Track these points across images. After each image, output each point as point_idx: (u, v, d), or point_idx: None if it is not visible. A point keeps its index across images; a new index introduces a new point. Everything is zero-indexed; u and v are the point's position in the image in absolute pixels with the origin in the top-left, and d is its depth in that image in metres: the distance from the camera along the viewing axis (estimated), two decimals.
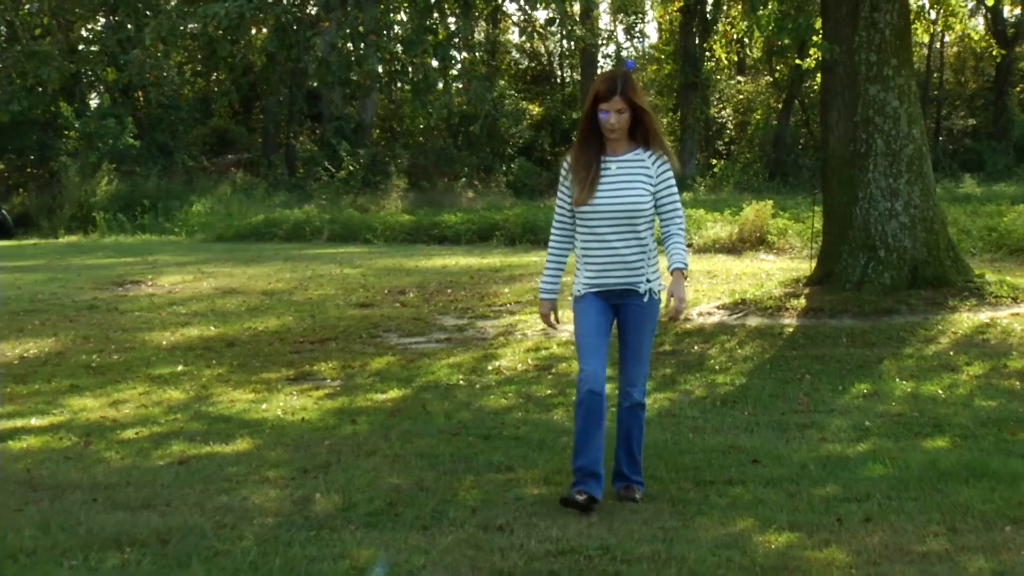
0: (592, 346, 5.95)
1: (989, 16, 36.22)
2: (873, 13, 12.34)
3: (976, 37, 22.36)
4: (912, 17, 13.88)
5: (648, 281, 5.99)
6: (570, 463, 5.99)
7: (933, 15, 16.75)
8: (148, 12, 29.87)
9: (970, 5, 25.04)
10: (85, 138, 32.40)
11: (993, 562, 4.98)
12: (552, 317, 6.24)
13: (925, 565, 4.98)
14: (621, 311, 6.04)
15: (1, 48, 30.71)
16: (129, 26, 30.87)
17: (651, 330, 6.09)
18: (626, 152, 6.02)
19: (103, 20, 34.76)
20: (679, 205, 6.06)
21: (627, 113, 5.93)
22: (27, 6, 28.17)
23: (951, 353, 10.06)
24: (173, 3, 34.71)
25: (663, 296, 6.03)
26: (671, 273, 5.86)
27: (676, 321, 7.04)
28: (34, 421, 8.59)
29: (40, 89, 31.38)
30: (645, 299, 5.98)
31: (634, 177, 5.96)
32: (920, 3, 15.92)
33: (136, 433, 8.12)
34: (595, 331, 5.97)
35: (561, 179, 6.16)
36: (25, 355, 11.67)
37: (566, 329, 9.38)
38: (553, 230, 6.22)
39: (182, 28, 15.51)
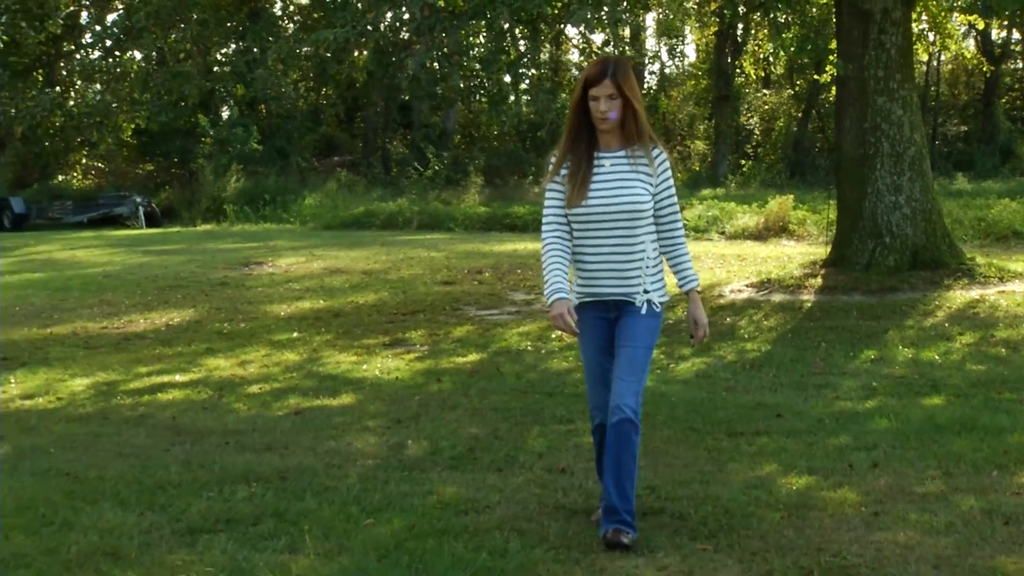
0: (597, 374, 4.72)
1: (979, 38, 35.78)
2: (881, 35, 12.22)
3: (968, 56, 22.03)
4: (914, 39, 13.68)
5: (646, 292, 4.61)
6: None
7: (932, 37, 16.49)
8: (270, 38, 30.07)
9: (963, 29, 24.56)
10: (218, 144, 32.71)
11: (982, 501, 4.93)
12: (569, 317, 4.56)
13: (924, 504, 4.92)
14: (617, 324, 4.66)
15: (152, 70, 31.03)
16: (255, 50, 31.07)
17: (648, 344, 4.65)
18: (621, 148, 4.62)
19: (234, 45, 35.03)
20: (679, 210, 4.74)
21: (619, 100, 4.53)
22: (173, 35, 28.44)
23: (946, 325, 9.92)
24: (291, 30, 34.99)
25: (689, 321, 4.79)
26: (686, 295, 4.74)
27: (700, 344, 5.13)
28: (178, 377, 8.71)
29: (182, 103, 31.70)
30: (643, 311, 4.61)
31: (631, 175, 4.58)
32: (921, 27, 15.73)
33: (260, 388, 8.21)
34: (599, 357, 4.71)
35: (549, 178, 4.73)
36: (170, 323, 11.82)
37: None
38: (547, 235, 4.67)
39: (298, 51, 15.60)
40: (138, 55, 32.30)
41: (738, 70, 35.70)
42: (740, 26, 32.21)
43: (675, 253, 4.71)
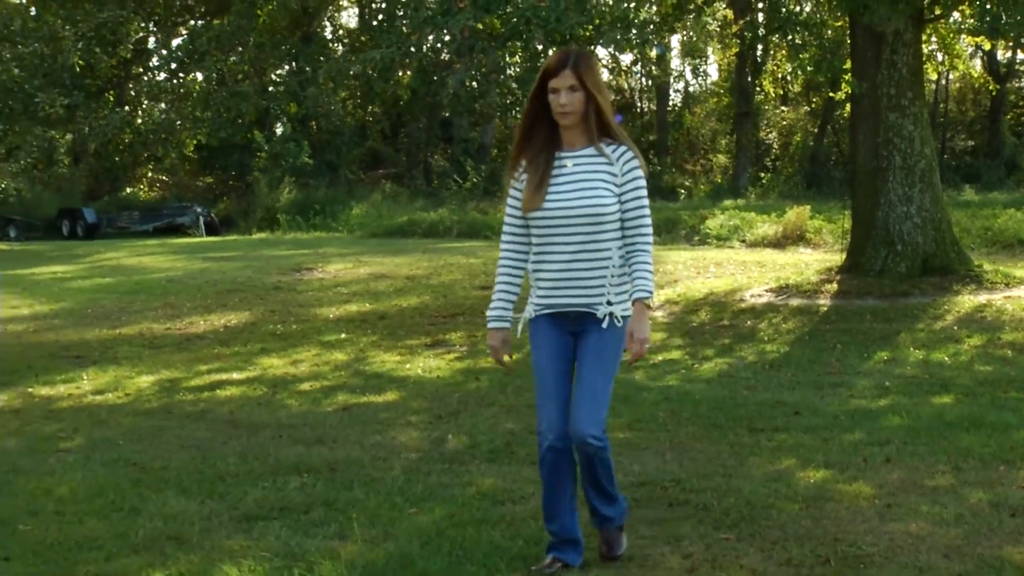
0: (550, 389, 4.00)
1: (986, 58, 35.46)
2: (893, 56, 12.13)
3: (975, 75, 21.76)
4: (924, 59, 13.57)
5: (609, 304, 3.95)
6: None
7: (941, 57, 16.35)
8: (321, 59, 30.26)
9: (970, 49, 24.31)
10: (272, 158, 32.90)
11: (990, 494, 4.87)
12: (503, 351, 4.09)
13: (935, 496, 4.87)
14: (578, 339, 4.02)
15: (213, 90, 31.32)
16: (307, 70, 31.29)
17: (611, 363, 3.99)
18: (584, 147, 3.99)
19: (287, 66, 35.29)
20: (648, 214, 4.01)
21: (580, 93, 3.90)
22: (232, 58, 28.70)
23: (955, 328, 9.81)
24: (340, 52, 35.16)
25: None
26: (632, 304, 3.95)
27: (635, 364, 4.35)
28: (235, 375, 8.76)
29: (240, 120, 31.96)
30: (604, 324, 3.95)
31: (594, 176, 3.94)
32: (931, 48, 15.61)
33: (310, 386, 8.24)
34: (553, 369, 4.01)
35: (507, 179, 4.16)
36: (228, 324, 11.89)
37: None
38: (503, 244, 4.18)
39: (347, 71, 15.68)
40: (200, 76, 32.62)
41: (758, 88, 35.53)
42: (760, 47, 32.07)
43: (634, 260, 3.97)
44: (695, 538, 4.40)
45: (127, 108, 32.99)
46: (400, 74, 15.21)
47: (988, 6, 12.08)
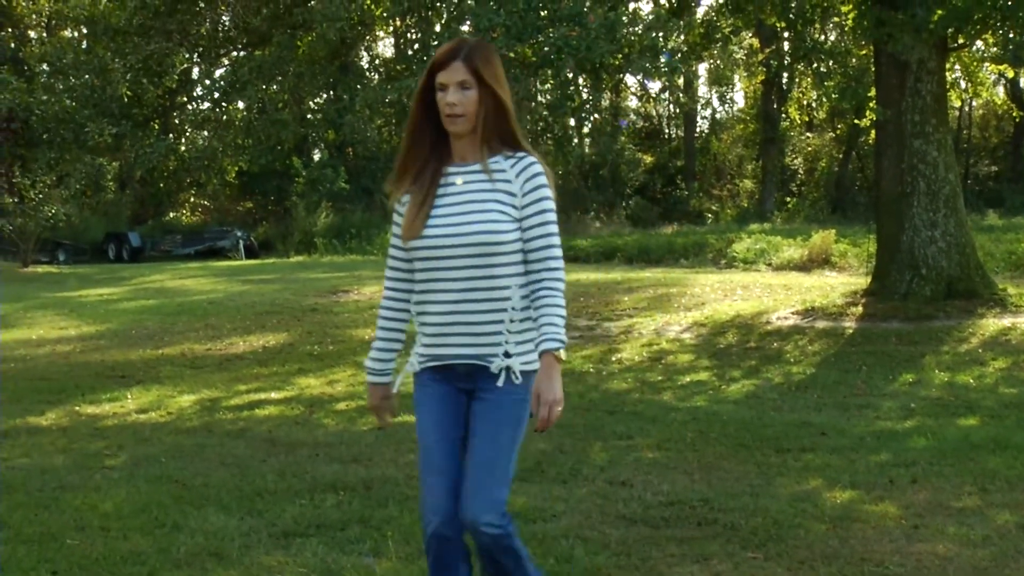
0: (435, 461, 3.13)
1: (1009, 85, 35.29)
2: (917, 84, 12.09)
3: (998, 102, 21.66)
4: (948, 86, 13.49)
5: (507, 356, 3.06)
6: None
7: (964, 85, 16.26)
8: (358, 87, 30.47)
9: (993, 77, 24.16)
10: (310, 183, 33.15)
11: (1017, 516, 4.80)
12: (385, 411, 3.35)
13: (961, 518, 4.81)
14: (472, 400, 3.12)
15: (254, 119, 31.61)
16: (345, 97, 31.49)
17: (510, 430, 3.11)
18: (479, 159, 3.08)
19: (325, 95, 35.56)
20: (557, 243, 3.09)
21: (474, 91, 3.00)
22: (273, 87, 28.97)
23: (980, 350, 9.71)
24: (376, 80, 35.37)
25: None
26: (540, 356, 3.00)
27: (544, 431, 3.09)
28: (273, 395, 8.79)
29: (279, 147, 32.22)
30: (500, 381, 3.06)
31: (488, 196, 3.04)
32: (954, 75, 15.53)
33: (346, 405, 8.25)
34: (438, 436, 3.14)
35: (391, 201, 3.21)
36: (267, 345, 11.95)
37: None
38: (385, 281, 3.28)
39: (383, 99, 15.79)
40: (241, 105, 32.93)
41: (783, 115, 35.47)
42: (785, 75, 32.01)
43: (541, 301, 3.01)
44: (723, 557, 4.36)
45: (172, 136, 33.36)
46: None
47: (1011, 35, 12.01)
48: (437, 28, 22.73)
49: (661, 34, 12.16)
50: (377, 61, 41.33)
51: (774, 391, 8.33)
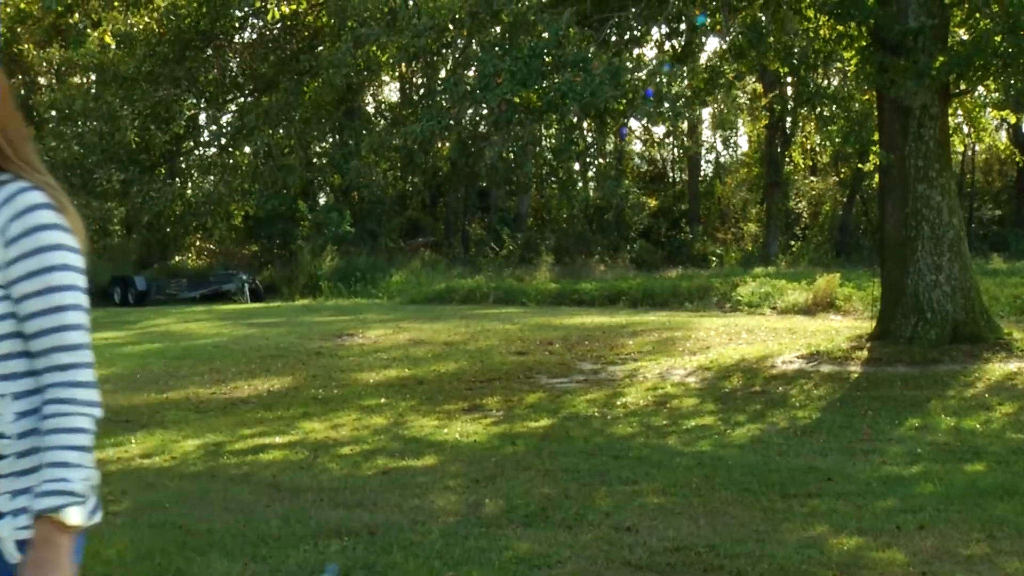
0: None
1: (1011, 130, 35.49)
2: (920, 129, 12.14)
3: (1001, 146, 21.73)
4: (951, 131, 13.57)
5: None
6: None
7: (967, 129, 16.34)
8: (364, 132, 30.68)
9: (996, 122, 24.30)
10: (315, 227, 33.27)
11: None
12: None
13: (969, 566, 4.77)
14: None
15: (260, 163, 31.82)
16: (350, 142, 31.72)
17: None
18: None
19: (331, 139, 35.80)
20: (75, 321, 1.92)
21: None
22: (279, 132, 29.18)
23: (986, 395, 9.68)
24: (382, 125, 35.59)
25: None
26: (35, 520, 1.82)
27: None
28: (277, 439, 8.77)
29: (285, 191, 32.37)
30: None
31: None
32: (957, 120, 15.61)
33: (351, 450, 8.23)
34: None
35: None
36: (271, 389, 11.94)
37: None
38: None
39: (389, 143, 15.89)
40: (248, 150, 33.16)
41: (787, 159, 35.60)
42: (789, 119, 32.19)
43: (48, 424, 1.88)
44: None
45: (178, 181, 33.54)
46: (439, 146, 15.40)
47: (1012, 81, 12.09)
48: (442, 74, 22.95)
49: (665, 78, 12.22)
50: (383, 106, 41.68)
51: (779, 436, 8.29)
